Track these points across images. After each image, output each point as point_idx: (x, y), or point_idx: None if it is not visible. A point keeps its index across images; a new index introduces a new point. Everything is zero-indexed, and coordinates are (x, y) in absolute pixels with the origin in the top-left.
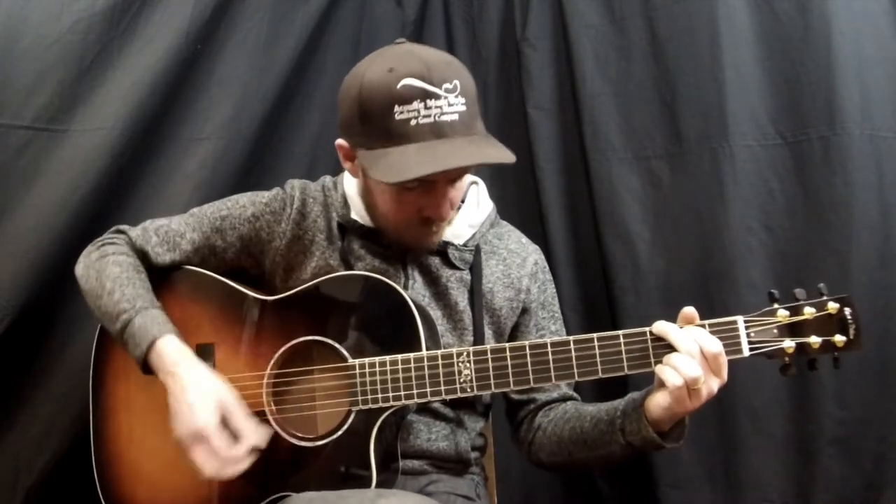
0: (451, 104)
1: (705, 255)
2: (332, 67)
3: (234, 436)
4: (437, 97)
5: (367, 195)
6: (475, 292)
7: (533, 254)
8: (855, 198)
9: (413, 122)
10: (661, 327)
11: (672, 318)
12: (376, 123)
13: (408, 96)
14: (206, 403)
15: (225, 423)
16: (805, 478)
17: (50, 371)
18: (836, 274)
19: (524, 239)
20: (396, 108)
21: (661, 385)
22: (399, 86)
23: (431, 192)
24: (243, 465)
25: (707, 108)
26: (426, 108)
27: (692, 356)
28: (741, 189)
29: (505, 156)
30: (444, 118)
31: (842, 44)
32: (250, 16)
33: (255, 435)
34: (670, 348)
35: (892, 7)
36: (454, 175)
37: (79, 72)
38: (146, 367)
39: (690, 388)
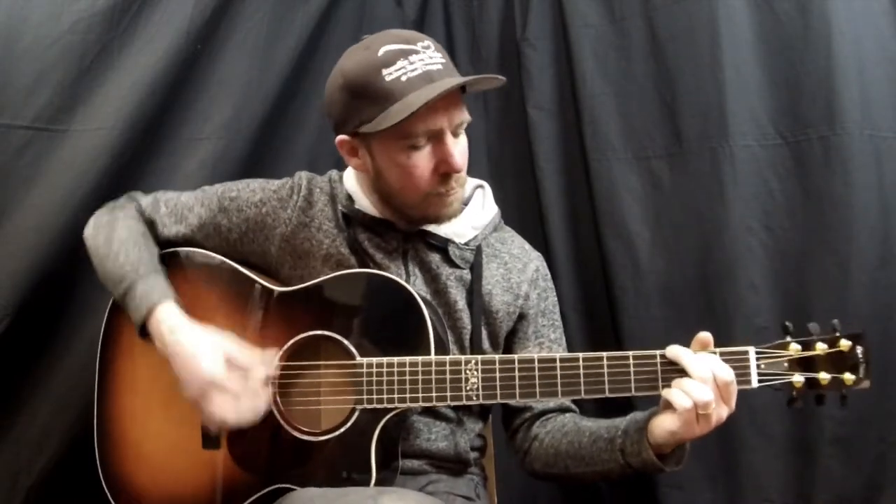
0: (432, 57)
1: (705, 255)
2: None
3: (244, 375)
4: (417, 52)
5: (378, 181)
6: (474, 292)
7: (535, 260)
8: (855, 198)
9: (404, 78)
10: (675, 352)
11: (671, 318)
12: (369, 93)
13: (391, 59)
14: (208, 353)
15: (231, 366)
16: (805, 478)
17: (50, 371)
18: (836, 274)
19: (527, 245)
20: (384, 71)
21: (668, 408)
22: (380, 53)
23: (439, 145)
24: (262, 401)
25: (707, 108)
26: (410, 63)
27: (705, 382)
28: (741, 189)
29: (496, 81)
30: (430, 67)
31: (842, 44)
32: (250, 16)
33: (263, 365)
34: (680, 373)
35: (892, 7)
36: (455, 119)
37: (79, 72)
38: (143, 332)
39: (700, 412)
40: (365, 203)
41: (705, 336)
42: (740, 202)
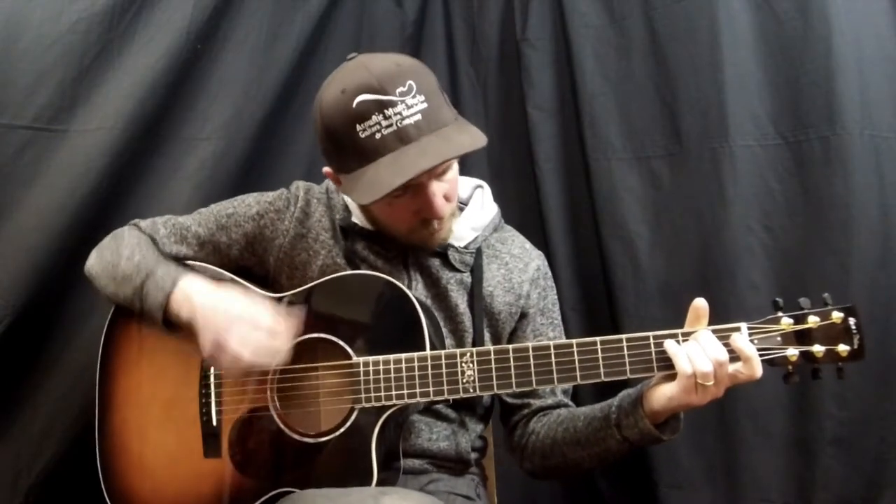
0: (410, 106)
1: (705, 255)
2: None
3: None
4: (394, 104)
5: (365, 213)
6: (475, 295)
7: (535, 259)
8: (855, 198)
9: (378, 136)
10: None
11: (671, 317)
12: (346, 146)
13: (365, 112)
14: (234, 295)
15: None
16: (805, 478)
17: (50, 371)
18: (836, 274)
19: (528, 245)
20: (358, 127)
21: (665, 379)
22: (354, 104)
23: (420, 193)
24: (281, 343)
25: (707, 108)
26: (385, 118)
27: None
28: (741, 189)
29: (476, 141)
30: (407, 122)
31: (842, 44)
32: (250, 16)
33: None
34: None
35: (892, 7)
36: (436, 171)
37: (79, 72)
38: (166, 317)
39: (699, 381)
40: (361, 215)
41: (701, 303)
42: (740, 202)
